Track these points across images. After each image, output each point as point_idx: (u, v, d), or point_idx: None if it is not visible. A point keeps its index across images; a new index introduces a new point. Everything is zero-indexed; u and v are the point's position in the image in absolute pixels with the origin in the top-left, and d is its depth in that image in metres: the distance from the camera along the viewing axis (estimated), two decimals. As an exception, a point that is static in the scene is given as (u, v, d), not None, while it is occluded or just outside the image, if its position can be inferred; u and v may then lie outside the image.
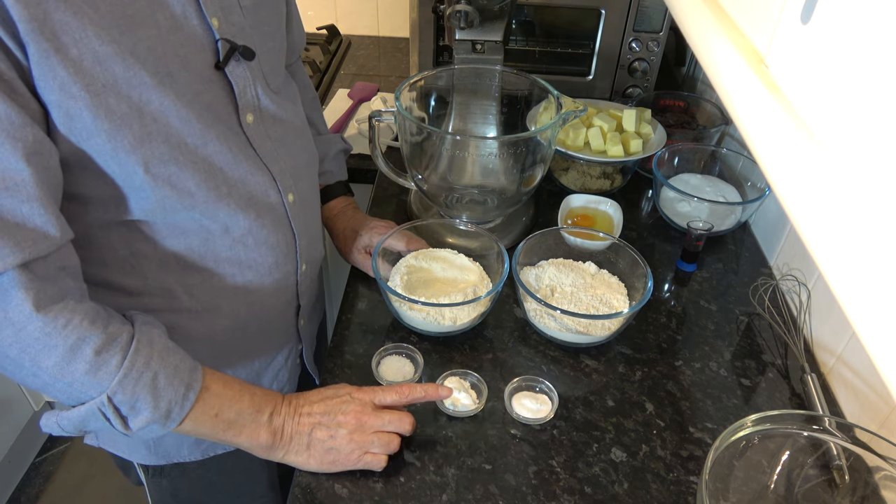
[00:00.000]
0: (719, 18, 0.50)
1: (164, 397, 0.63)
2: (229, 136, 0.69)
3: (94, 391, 0.60)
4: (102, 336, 0.60)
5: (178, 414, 0.64)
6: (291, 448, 0.71)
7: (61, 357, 0.58)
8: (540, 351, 0.90)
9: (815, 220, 0.34)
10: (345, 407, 0.72)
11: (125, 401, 0.61)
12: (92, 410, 0.61)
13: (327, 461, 0.71)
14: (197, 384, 0.66)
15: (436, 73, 1.04)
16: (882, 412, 0.75)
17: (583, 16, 1.31)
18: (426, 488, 0.73)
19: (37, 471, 1.81)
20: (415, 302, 0.84)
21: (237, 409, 0.69)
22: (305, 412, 0.71)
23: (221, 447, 0.88)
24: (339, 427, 0.71)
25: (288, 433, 0.71)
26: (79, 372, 0.59)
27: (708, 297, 1.00)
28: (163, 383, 0.63)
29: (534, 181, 1.00)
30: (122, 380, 0.61)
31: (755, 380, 0.87)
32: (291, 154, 0.79)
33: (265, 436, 0.70)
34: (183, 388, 0.64)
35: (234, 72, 0.68)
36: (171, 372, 0.64)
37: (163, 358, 0.64)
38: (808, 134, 0.36)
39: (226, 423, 0.68)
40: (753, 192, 1.10)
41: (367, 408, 0.72)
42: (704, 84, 1.42)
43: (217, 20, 0.64)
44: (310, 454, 0.71)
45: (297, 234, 0.81)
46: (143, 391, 0.62)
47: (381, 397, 0.74)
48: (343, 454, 0.71)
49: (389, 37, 1.83)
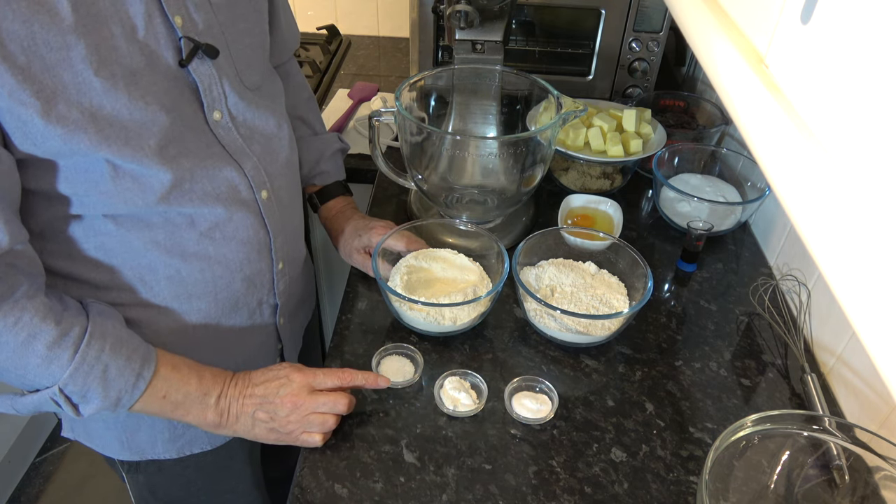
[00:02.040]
0: (719, 18, 0.50)
1: (114, 387, 0.67)
2: (196, 133, 0.70)
3: (47, 382, 0.64)
4: (54, 331, 0.63)
5: (128, 401, 0.68)
6: (239, 427, 0.76)
7: (12, 352, 0.61)
8: (540, 351, 0.90)
9: (815, 220, 0.34)
10: (282, 391, 0.75)
11: (76, 391, 0.65)
12: (44, 398, 0.65)
13: (272, 438, 0.77)
14: (148, 373, 0.69)
15: (436, 73, 1.04)
16: (882, 412, 0.75)
17: (583, 16, 1.31)
18: (426, 488, 0.73)
19: (37, 471, 1.81)
20: (415, 302, 0.84)
21: (184, 391, 0.72)
22: (248, 394, 0.75)
23: (198, 445, 0.88)
24: (276, 410, 0.75)
25: (234, 413, 0.75)
26: (31, 365, 0.63)
27: (708, 297, 1.00)
28: (113, 374, 0.66)
29: (534, 181, 1.00)
30: (73, 373, 0.64)
31: (755, 380, 0.87)
32: (266, 151, 0.80)
33: (212, 416, 0.74)
34: (133, 377, 0.68)
35: (198, 69, 0.68)
36: (123, 363, 0.67)
37: (115, 350, 0.67)
38: (808, 134, 0.36)
39: (173, 404, 0.72)
40: (753, 192, 1.10)
41: (303, 391, 0.76)
42: (704, 84, 1.42)
43: (180, 18, 0.65)
44: (255, 432, 0.76)
45: (272, 231, 0.81)
46: (94, 382, 0.65)
47: (320, 380, 0.77)
48: (283, 433, 0.76)
49: (389, 37, 1.83)
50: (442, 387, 0.82)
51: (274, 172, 0.81)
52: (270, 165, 0.80)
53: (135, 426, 0.82)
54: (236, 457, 0.95)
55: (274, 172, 0.81)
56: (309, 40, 1.72)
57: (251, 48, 0.77)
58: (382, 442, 0.78)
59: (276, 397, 0.75)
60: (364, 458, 0.76)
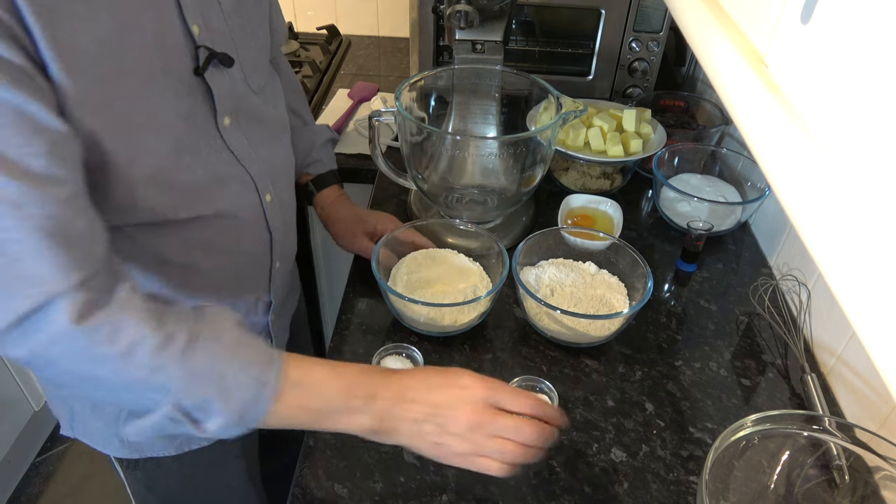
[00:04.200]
0: (719, 18, 0.50)
1: (236, 398, 0.58)
2: (208, 140, 0.70)
3: (159, 396, 0.56)
4: (158, 337, 0.56)
5: (255, 413, 0.59)
6: (401, 435, 0.64)
7: (115, 366, 0.54)
8: (540, 351, 0.90)
9: (814, 220, 0.34)
10: (456, 403, 0.63)
11: (195, 404, 0.57)
12: (162, 418, 0.57)
13: (435, 453, 0.65)
14: (272, 379, 0.60)
15: (436, 73, 1.04)
16: (882, 412, 0.75)
17: (583, 16, 1.31)
18: (426, 488, 0.73)
19: (37, 471, 1.81)
20: (415, 302, 0.84)
21: (325, 398, 0.62)
22: (412, 398, 0.63)
23: (196, 442, 0.87)
24: (447, 425, 0.63)
25: (393, 419, 0.64)
26: (137, 379, 0.55)
27: (708, 297, 1.00)
28: (231, 382, 0.58)
29: (534, 181, 1.00)
30: (186, 384, 0.56)
31: (755, 380, 0.87)
32: (270, 154, 0.80)
33: (367, 421, 0.63)
34: (254, 385, 0.59)
35: (213, 77, 0.68)
36: (239, 369, 0.59)
37: (233, 353, 0.59)
38: (807, 134, 0.36)
39: (315, 413, 0.62)
40: (753, 192, 1.10)
41: (485, 408, 0.63)
42: (704, 84, 1.42)
43: (197, 27, 0.64)
44: (417, 444, 0.65)
45: (273, 232, 0.81)
46: (211, 392, 0.57)
47: (504, 398, 0.65)
48: (450, 452, 0.64)
49: (389, 37, 1.83)
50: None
51: (277, 175, 0.81)
52: (274, 168, 0.80)
53: None
54: (232, 452, 0.95)
55: (277, 175, 0.81)
56: (309, 40, 1.72)
57: (256, 50, 0.77)
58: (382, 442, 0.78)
59: (449, 410, 0.63)
60: (364, 458, 0.76)
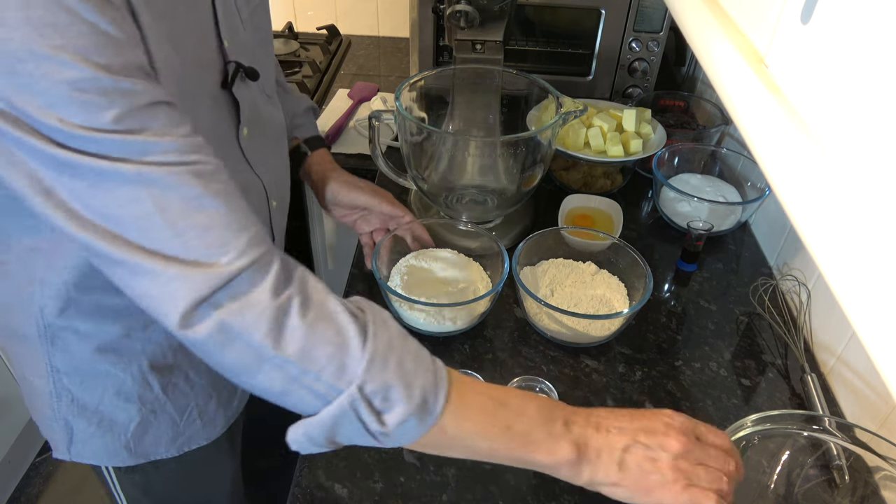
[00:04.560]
0: (719, 18, 0.50)
1: (416, 384, 0.54)
2: (229, 151, 0.70)
3: (342, 384, 0.52)
4: (346, 314, 0.54)
5: (434, 403, 0.55)
6: (600, 465, 0.58)
7: (304, 341, 0.52)
8: (540, 351, 0.90)
9: (814, 221, 0.34)
10: (665, 428, 0.59)
11: (377, 391, 0.53)
12: (343, 409, 0.52)
13: (643, 487, 0.57)
14: (442, 372, 0.57)
15: (436, 73, 1.04)
16: (882, 412, 0.75)
17: (583, 16, 1.31)
18: (426, 488, 0.73)
19: (37, 471, 1.81)
20: (415, 302, 0.84)
21: (528, 418, 0.57)
22: (613, 426, 0.59)
23: (196, 441, 0.86)
24: (661, 450, 0.57)
25: (594, 447, 0.58)
26: (321, 365, 0.52)
27: (708, 297, 1.00)
28: (410, 367, 0.54)
29: (534, 181, 1.00)
30: (369, 366, 0.52)
31: (755, 380, 0.87)
32: (275, 160, 0.80)
33: (567, 450, 0.57)
34: (431, 373, 0.55)
35: (239, 90, 0.68)
36: (415, 355, 0.56)
37: (403, 340, 0.56)
38: (807, 134, 0.36)
39: (521, 437, 0.57)
40: (753, 192, 1.10)
41: (690, 434, 0.59)
42: (704, 84, 1.42)
43: (227, 41, 0.65)
44: (622, 476, 0.57)
45: (276, 237, 0.82)
46: (393, 377, 0.53)
47: (701, 430, 0.61)
48: (665, 482, 0.57)
49: (389, 37, 1.83)
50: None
51: (281, 181, 0.81)
52: (278, 174, 0.80)
53: (142, 432, 0.81)
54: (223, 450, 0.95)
55: (281, 181, 0.81)
56: (309, 40, 1.72)
57: (267, 56, 0.77)
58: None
59: (660, 434, 0.58)
60: (364, 458, 0.76)
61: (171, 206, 0.49)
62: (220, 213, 0.51)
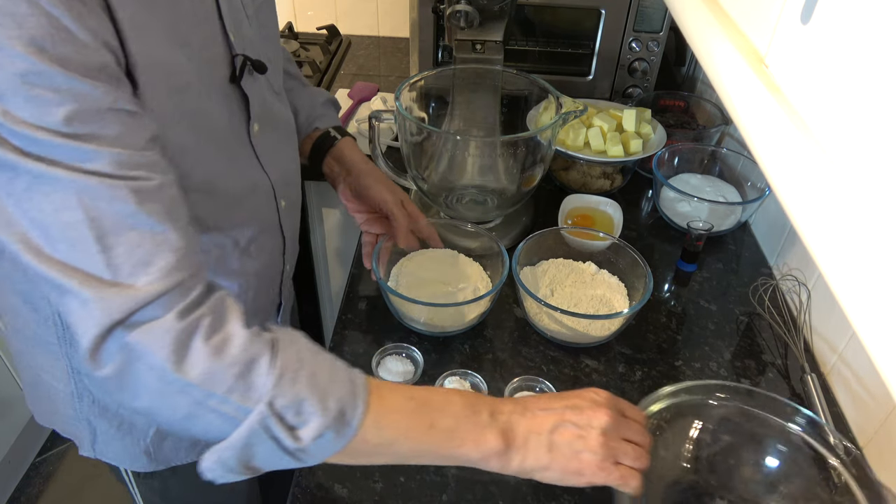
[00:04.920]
0: (719, 18, 0.50)
1: (332, 396, 0.52)
2: (241, 147, 0.70)
3: (251, 402, 0.50)
4: (248, 333, 0.52)
5: (352, 416, 0.53)
6: (529, 451, 0.57)
7: (207, 365, 0.50)
8: (540, 351, 0.90)
9: (814, 220, 0.34)
10: (591, 404, 0.59)
11: (289, 405, 0.51)
12: (253, 428, 0.50)
13: (572, 469, 0.57)
14: (361, 381, 0.55)
15: (436, 73, 1.04)
16: (882, 412, 0.75)
17: (583, 16, 1.31)
18: (426, 488, 0.73)
19: (37, 471, 1.81)
20: (415, 302, 0.84)
21: (452, 412, 0.57)
22: (540, 408, 0.59)
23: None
24: (590, 421, 0.57)
25: (521, 433, 0.57)
26: (229, 379, 0.50)
27: (708, 297, 1.00)
28: (324, 380, 0.53)
29: (534, 181, 1.00)
30: (279, 380, 0.51)
31: (755, 380, 0.87)
32: (285, 159, 0.80)
33: (493, 440, 0.56)
34: (347, 384, 0.54)
35: (247, 84, 0.67)
36: (329, 368, 0.54)
37: (314, 354, 0.55)
38: (807, 134, 0.36)
39: (444, 433, 0.56)
40: (753, 192, 1.10)
41: (614, 409, 0.59)
42: (704, 84, 1.42)
43: (233, 35, 0.65)
44: (552, 458, 0.57)
45: (287, 237, 0.81)
46: (305, 391, 0.52)
47: (622, 406, 0.61)
48: (593, 461, 0.57)
49: (389, 37, 1.83)
50: (442, 386, 0.82)
51: (290, 180, 0.81)
52: (287, 173, 0.80)
53: (162, 437, 0.81)
54: None
55: (290, 180, 0.81)
56: (309, 40, 1.72)
57: (274, 52, 0.77)
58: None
59: (587, 409, 0.58)
60: (364, 458, 0.76)
61: (104, 219, 0.47)
62: (152, 232, 0.49)
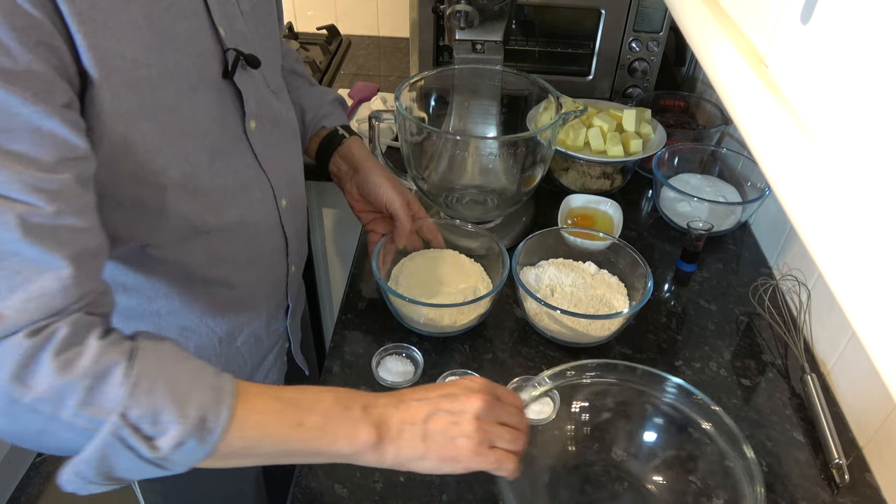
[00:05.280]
0: (719, 18, 0.50)
1: (192, 402, 0.51)
2: (236, 144, 0.69)
3: (103, 413, 0.49)
4: (106, 346, 0.51)
5: (215, 424, 0.52)
6: (404, 442, 0.57)
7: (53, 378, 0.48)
8: (540, 351, 0.90)
9: (814, 220, 0.34)
10: (464, 390, 0.59)
11: (144, 416, 0.49)
12: (107, 440, 0.49)
13: (448, 456, 0.57)
14: (228, 386, 0.54)
15: (436, 73, 1.04)
16: (882, 412, 0.75)
17: (583, 16, 1.31)
18: (426, 488, 0.73)
19: (37, 471, 1.81)
20: (415, 303, 0.84)
21: (321, 409, 0.56)
22: (415, 398, 0.59)
23: None
24: (463, 408, 0.57)
25: (395, 425, 0.57)
26: (80, 392, 0.48)
27: (708, 297, 0.99)
28: (184, 388, 0.52)
29: (534, 181, 1.00)
30: (133, 390, 0.49)
31: (755, 380, 0.87)
32: (286, 158, 0.79)
33: (367, 433, 0.56)
34: (210, 390, 0.53)
35: (241, 79, 0.67)
36: (191, 375, 0.53)
37: (177, 362, 0.54)
38: (807, 134, 0.36)
39: (314, 431, 0.55)
40: (753, 192, 1.10)
41: (490, 394, 0.60)
42: (704, 84, 1.42)
43: (223, 30, 0.64)
44: (427, 447, 0.57)
45: (289, 238, 0.81)
46: (162, 400, 0.50)
47: (499, 392, 0.62)
48: (469, 446, 0.57)
49: (389, 37, 1.83)
50: None
51: (292, 179, 0.81)
52: (289, 173, 0.80)
53: None
54: None
55: (292, 179, 0.81)
56: (309, 40, 1.72)
57: (271, 51, 0.77)
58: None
59: (459, 397, 0.58)
60: (364, 458, 0.76)
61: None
62: (36, 261, 0.48)
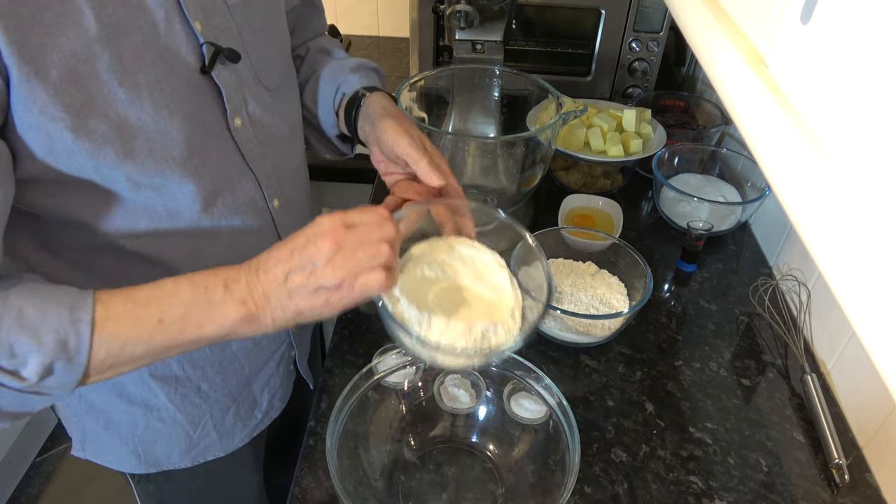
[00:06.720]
0: (719, 18, 0.50)
1: (47, 329, 0.51)
2: (218, 142, 0.68)
3: None
4: None
5: (77, 341, 0.52)
6: (276, 307, 0.57)
7: None
8: (540, 351, 0.90)
9: (815, 221, 0.34)
10: (310, 238, 0.58)
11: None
12: None
13: (319, 304, 0.57)
14: (84, 303, 0.53)
15: (436, 73, 1.04)
16: (882, 412, 0.75)
17: (583, 16, 1.31)
18: (426, 488, 0.73)
19: (37, 471, 1.81)
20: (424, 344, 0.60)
21: (181, 301, 0.56)
22: (271, 262, 0.58)
23: (212, 452, 0.86)
24: (314, 257, 0.56)
25: (261, 295, 0.57)
26: None
27: (708, 297, 1.00)
28: (33, 315, 0.52)
29: (534, 181, 1.00)
30: None
31: (755, 380, 0.87)
32: (280, 158, 0.78)
33: (234, 311, 0.56)
34: (66, 310, 0.52)
35: (220, 75, 0.66)
36: (41, 301, 0.53)
37: (29, 293, 0.53)
38: (808, 134, 0.36)
39: (178, 324, 0.55)
40: (753, 192, 1.10)
41: (339, 228, 0.57)
42: (704, 84, 1.42)
43: (199, 23, 0.63)
44: (297, 303, 0.57)
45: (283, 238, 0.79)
46: (11, 333, 0.51)
47: (350, 218, 0.59)
48: (333, 288, 0.56)
49: (389, 37, 1.83)
50: (442, 384, 0.82)
51: (286, 180, 0.79)
52: (282, 171, 0.78)
53: (151, 439, 0.81)
54: (244, 464, 0.94)
55: (286, 180, 0.79)
56: (309, 40, 1.72)
57: (269, 47, 0.75)
58: (383, 441, 0.78)
59: (308, 246, 0.57)
60: (365, 458, 0.76)
61: None
62: None
